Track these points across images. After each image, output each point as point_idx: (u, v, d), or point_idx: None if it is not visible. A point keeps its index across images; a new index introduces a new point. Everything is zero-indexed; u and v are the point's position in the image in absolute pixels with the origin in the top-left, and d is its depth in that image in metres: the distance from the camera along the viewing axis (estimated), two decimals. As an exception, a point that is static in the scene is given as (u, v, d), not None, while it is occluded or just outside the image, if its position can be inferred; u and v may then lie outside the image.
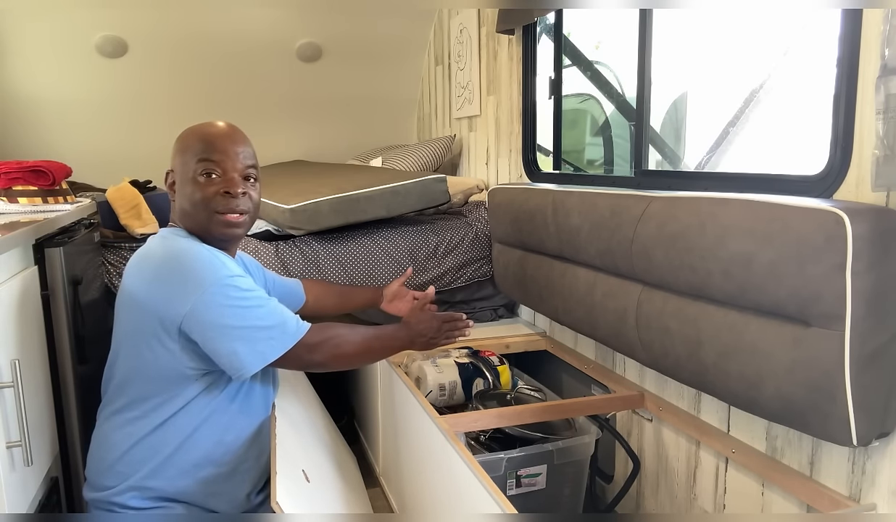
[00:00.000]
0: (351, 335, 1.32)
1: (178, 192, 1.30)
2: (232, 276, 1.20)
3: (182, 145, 1.29)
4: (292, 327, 1.24)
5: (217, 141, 1.27)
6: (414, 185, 2.31)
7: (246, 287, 1.21)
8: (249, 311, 1.20)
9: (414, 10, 3.36)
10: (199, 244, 1.25)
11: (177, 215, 1.32)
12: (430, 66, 3.55)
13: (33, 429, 1.19)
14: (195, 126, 1.33)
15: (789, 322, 1.19)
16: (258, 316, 1.21)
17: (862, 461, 1.24)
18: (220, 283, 1.18)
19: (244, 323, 1.19)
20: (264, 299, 1.23)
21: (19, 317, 1.21)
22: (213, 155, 1.26)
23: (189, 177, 1.27)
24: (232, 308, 1.18)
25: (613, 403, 1.85)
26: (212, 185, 1.26)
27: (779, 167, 1.54)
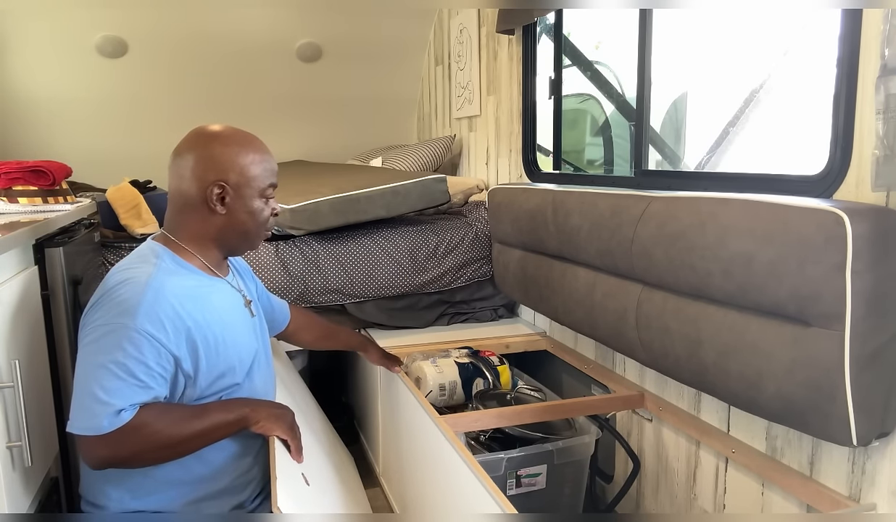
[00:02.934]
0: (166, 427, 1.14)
1: (237, 208, 1.26)
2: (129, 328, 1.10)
3: (247, 160, 1.26)
4: (108, 418, 1.08)
5: (275, 165, 1.33)
6: (414, 185, 2.31)
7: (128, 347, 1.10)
8: (100, 371, 1.09)
9: (414, 10, 3.36)
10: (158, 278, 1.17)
11: (212, 226, 1.26)
12: (430, 66, 3.55)
13: (33, 429, 1.19)
14: (241, 137, 1.28)
15: (789, 322, 1.19)
16: (102, 383, 1.09)
17: (862, 461, 1.24)
18: (111, 324, 1.11)
19: (86, 379, 1.10)
20: (127, 373, 1.10)
21: (19, 317, 1.20)
22: (276, 179, 1.33)
23: (254, 195, 1.27)
24: (94, 355, 1.10)
25: (613, 403, 1.85)
26: (269, 207, 1.32)
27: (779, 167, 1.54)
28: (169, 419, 1.15)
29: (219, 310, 1.26)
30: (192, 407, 1.20)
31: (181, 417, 1.17)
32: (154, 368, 1.13)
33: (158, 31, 3.12)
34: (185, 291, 1.20)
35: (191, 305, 1.19)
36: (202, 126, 1.30)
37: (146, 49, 3.17)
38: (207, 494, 1.26)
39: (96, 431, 1.09)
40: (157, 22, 3.08)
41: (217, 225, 1.27)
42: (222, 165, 1.24)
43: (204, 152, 1.25)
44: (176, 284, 1.19)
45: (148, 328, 1.12)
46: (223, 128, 1.29)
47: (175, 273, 1.21)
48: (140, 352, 1.11)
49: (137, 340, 1.11)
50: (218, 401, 1.24)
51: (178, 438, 1.16)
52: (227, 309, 1.29)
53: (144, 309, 1.12)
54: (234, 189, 1.25)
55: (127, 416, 1.10)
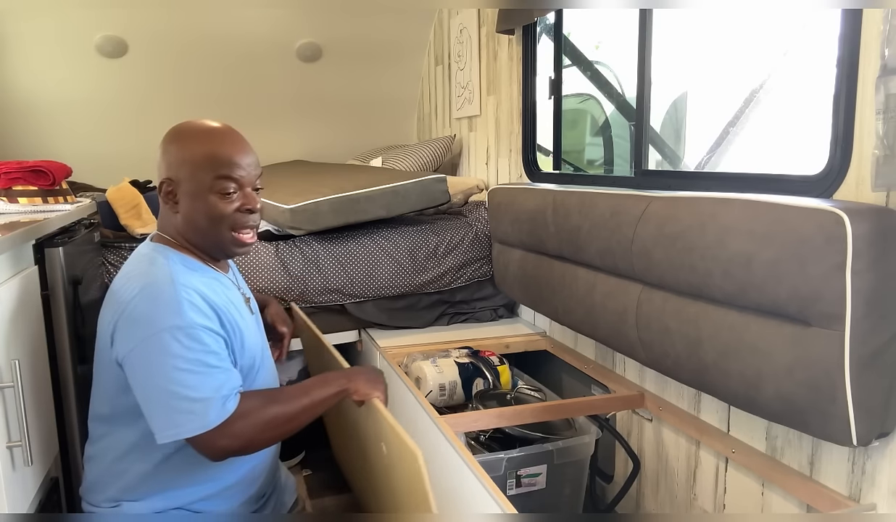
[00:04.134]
0: (274, 408, 1.16)
1: (186, 205, 1.21)
2: (183, 328, 1.09)
3: (188, 154, 1.19)
4: (215, 409, 1.09)
5: (234, 155, 1.20)
6: (414, 185, 2.31)
7: (192, 343, 1.09)
8: (180, 374, 1.08)
9: (414, 10, 3.36)
10: (177, 274, 1.15)
11: (175, 226, 1.24)
12: (430, 66, 3.55)
13: (33, 429, 1.19)
14: (195, 129, 1.23)
15: (789, 322, 1.19)
16: (187, 383, 1.08)
17: (862, 461, 1.24)
18: (166, 330, 1.08)
19: (168, 386, 1.08)
20: (203, 365, 1.10)
21: (19, 317, 1.21)
22: (233, 171, 1.19)
23: (202, 191, 1.19)
24: (164, 364, 1.08)
25: (613, 403, 1.85)
26: (231, 203, 1.20)
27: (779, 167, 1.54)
28: (273, 401, 1.17)
29: (234, 303, 1.26)
30: (291, 388, 1.21)
31: (285, 397, 1.18)
32: (220, 353, 1.14)
33: (158, 31, 3.12)
34: (205, 282, 1.19)
35: (214, 296, 1.18)
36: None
37: (146, 49, 3.17)
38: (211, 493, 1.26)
39: (207, 427, 1.08)
40: (158, 22, 3.08)
41: (179, 223, 1.23)
42: (170, 161, 1.22)
43: (162, 148, 1.24)
44: (195, 277, 1.18)
45: (198, 320, 1.11)
46: (185, 123, 1.25)
47: (185, 272, 1.19)
48: (203, 344, 1.11)
49: (195, 334, 1.10)
50: (314, 378, 1.27)
51: (288, 416, 1.17)
52: (237, 303, 1.28)
53: (186, 305, 1.11)
54: (180, 185, 1.21)
55: (231, 406, 1.11)
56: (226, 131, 1.24)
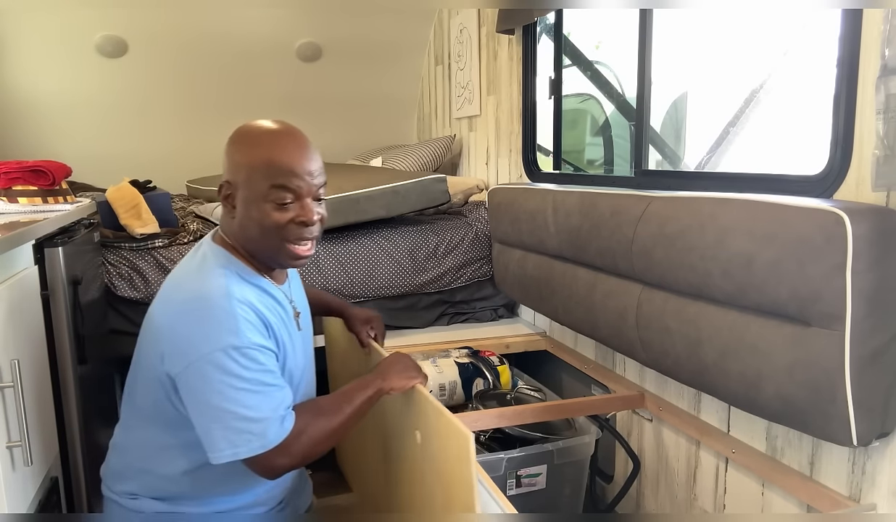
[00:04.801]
0: (324, 422, 1.17)
1: (241, 211, 1.16)
2: (241, 348, 1.07)
3: (248, 159, 1.14)
4: (274, 429, 1.08)
5: (294, 163, 1.14)
6: (414, 185, 2.31)
7: (249, 363, 1.08)
8: (238, 394, 1.06)
9: (414, 10, 3.36)
10: (232, 287, 1.12)
11: (233, 231, 1.19)
12: (430, 65, 3.55)
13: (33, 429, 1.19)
14: (256, 132, 1.17)
15: (789, 322, 1.19)
16: (245, 403, 1.06)
17: (862, 461, 1.24)
18: (223, 350, 1.06)
19: (226, 406, 1.06)
20: (261, 384, 1.09)
21: (19, 317, 1.20)
22: (290, 181, 1.13)
23: (257, 199, 1.14)
24: (221, 383, 1.06)
25: (613, 403, 1.85)
26: (286, 213, 1.14)
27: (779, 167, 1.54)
28: (321, 413, 1.17)
29: (284, 321, 1.23)
30: (334, 397, 1.21)
31: (332, 408, 1.18)
32: (276, 371, 1.13)
33: (158, 31, 3.12)
34: (258, 298, 1.16)
35: (266, 312, 1.16)
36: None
37: (146, 49, 3.17)
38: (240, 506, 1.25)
39: (266, 447, 1.08)
40: (157, 22, 3.08)
41: (235, 227, 1.19)
42: (230, 164, 1.17)
43: (226, 149, 1.19)
44: (249, 292, 1.15)
45: (254, 338, 1.09)
46: (249, 124, 1.20)
47: (240, 283, 1.15)
48: (259, 363, 1.09)
49: (252, 354, 1.08)
50: (353, 383, 1.24)
51: (337, 427, 1.17)
52: (286, 320, 1.25)
53: (243, 323, 1.08)
54: (237, 189, 1.16)
55: (289, 424, 1.10)
56: (289, 135, 1.17)
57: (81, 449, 1.45)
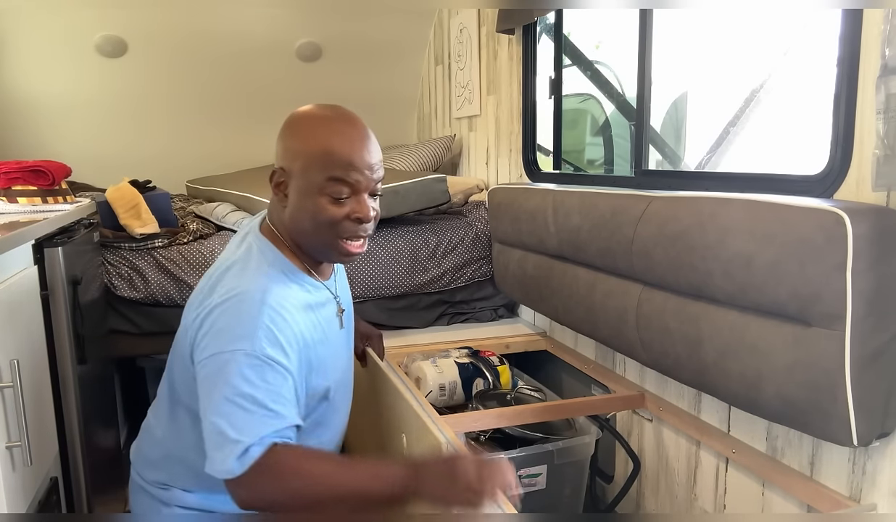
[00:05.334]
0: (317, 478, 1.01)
1: (294, 201, 1.10)
2: (251, 355, 1.00)
3: (304, 146, 1.09)
4: (234, 453, 0.97)
5: (354, 156, 1.07)
6: (414, 185, 2.31)
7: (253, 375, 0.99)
8: (228, 406, 0.99)
9: (414, 10, 3.36)
10: (272, 289, 1.06)
11: (283, 221, 1.14)
12: (430, 65, 3.55)
13: (33, 429, 1.19)
14: (317, 118, 1.12)
15: (790, 322, 1.19)
16: (231, 418, 0.98)
17: (862, 461, 1.24)
18: (232, 353, 1.00)
19: (214, 417, 0.99)
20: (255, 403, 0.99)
21: (19, 317, 1.20)
22: (348, 175, 1.07)
23: (312, 191, 1.08)
24: (219, 388, 1.00)
25: (613, 403, 1.85)
26: (341, 207, 1.08)
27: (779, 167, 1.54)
28: (308, 468, 1.01)
29: (323, 326, 1.16)
30: (344, 469, 1.04)
31: (324, 471, 1.02)
32: (283, 394, 1.02)
33: (158, 31, 3.12)
34: (298, 304, 1.09)
35: (303, 321, 1.09)
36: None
37: (146, 49, 3.16)
38: None
39: (229, 474, 0.98)
40: (157, 22, 3.08)
41: (287, 218, 1.12)
42: (285, 150, 1.11)
43: (281, 134, 1.14)
44: (289, 296, 1.08)
45: (269, 352, 1.01)
46: (309, 109, 1.15)
47: (284, 282, 1.10)
48: (264, 380, 1.00)
49: (259, 367, 1.00)
50: (371, 461, 1.07)
51: (317, 493, 1.01)
52: (329, 323, 1.19)
53: (263, 332, 1.01)
54: (292, 177, 1.09)
55: (255, 452, 0.98)
56: (350, 124, 1.11)
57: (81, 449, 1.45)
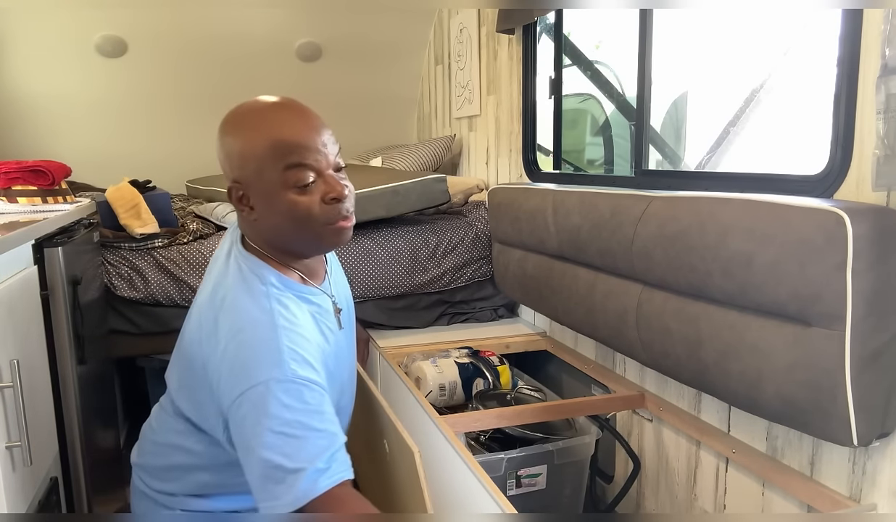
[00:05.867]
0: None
1: (263, 210, 1.02)
2: (283, 382, 0.94)
3: (248, 146, 1.00)
4: (312, 478, 0.92)
5: (304, 137, 0.99)
6: (414, 185, 2.31)
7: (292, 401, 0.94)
8: (276, 438, 0.93)
9: (414, 10, 3.36)
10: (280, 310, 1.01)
11: (259, 235, 1.06)
12: (430, 65, 3.55)
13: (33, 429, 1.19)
14: (248, 113, 1.03)
15: (790, 322, 1.19)
16: (282, 450, 0.92)
17: (862, 461, 1.24)
18: (265, 384, 0.94)
19: (263, 453, 0.93)
20: (304, 427, 0.94)
21: (19, 317, 1.20)
22: (304, 157, 0.99)
23: (275, 189, 0.99)
24: (260, 424, 0.93)
25: (613, 403, 1.85)
26: (312, 194, 1.00)
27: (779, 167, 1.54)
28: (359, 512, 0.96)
29: (325, 332, 1.11)
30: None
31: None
32: (326, 411, 0.97)
33: (158, 31, 3.12)
34: (305, 317, 1.05)
35: (312, 332, 1.05)
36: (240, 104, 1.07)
37: (146, 49, 3.16)
38: None
39: (295, 504, 0.92)
40: (157, 22, 3.08)
41: (262, 230, 1.05)
42: (231, 159, 1.02)
43: (219, 144, 1.04)
44: (295, 311, 1.03)
45: (300, 372, 0.96)
46: (238, 107, 1.06)
47: (286, 298, 1.04)
48: (304, 401, 0.95)
49: (296, 390, 0.95)
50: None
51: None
52: (331, 327, 1.14)
53: (288, 354, 0.96)
54: (250, 187, 1.01)
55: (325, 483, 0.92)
56: (285, 107, 1.03)
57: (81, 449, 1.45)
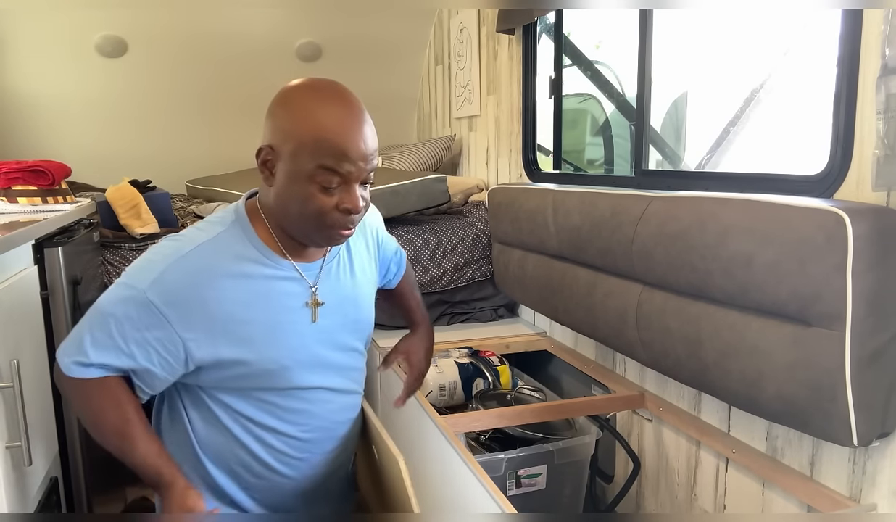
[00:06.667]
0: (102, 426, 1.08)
1: (281, 183, 1.03)
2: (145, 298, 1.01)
3: (296, 127, 1.00)
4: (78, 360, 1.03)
5: (349, 146, 1.00)
6: (414, 185, 2.31)
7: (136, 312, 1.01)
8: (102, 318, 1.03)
9: (414, 10, 3.36)
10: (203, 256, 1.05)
11: (268, 201, 1.08)
12: (430, 65, 3.55)
13: (33, 429, 1.19)
14: (312, 98, 1.02)
15: (790, 321, 1.19)
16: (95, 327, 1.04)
17: (862, 461, 1.24)
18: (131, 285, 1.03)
19: (91, 314, 1.05)
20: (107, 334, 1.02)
21: (19, 317, 1.20)
22: (340, 165, 1.00)
23: (301, 177, 1.01)
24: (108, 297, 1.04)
25: (613, 403, 1.85)
26: (330, 197, 1.02)
27: (779, 167, 1.54)
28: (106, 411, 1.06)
29: (269, 298, 1.09)
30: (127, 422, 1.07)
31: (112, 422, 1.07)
32: (151, 343, 1.03)
33: (158, 31, 3.12)
34: (227, 271, 1.05)
35: (226, 288, 1.05)
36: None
37: (146, 49, 3.16)
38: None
39: (65, 370, 1.05)
40: (157, 22, 3.08)
41: (272, 199, 1.07)
42: (275, 128, 1.03)
43: (271, 109, 1.05)
44: (220, 261, 1.05)
45: (156, 301, 1.01)
46: (305, 84, 1.05)
47: (230, 248, 1.07)
48: (140, 320, 1.01)
49: (143, 308, 1.01)
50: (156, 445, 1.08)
51: (98, 431, 1.08)
52: (284, 303, 1.11)
53: (165, 279, 1.01)
54: (281, 158, 1.02)
55: (90, 373, 1.04)
56: (347, 109, 1.03)
57: (81, 449, 1.46)
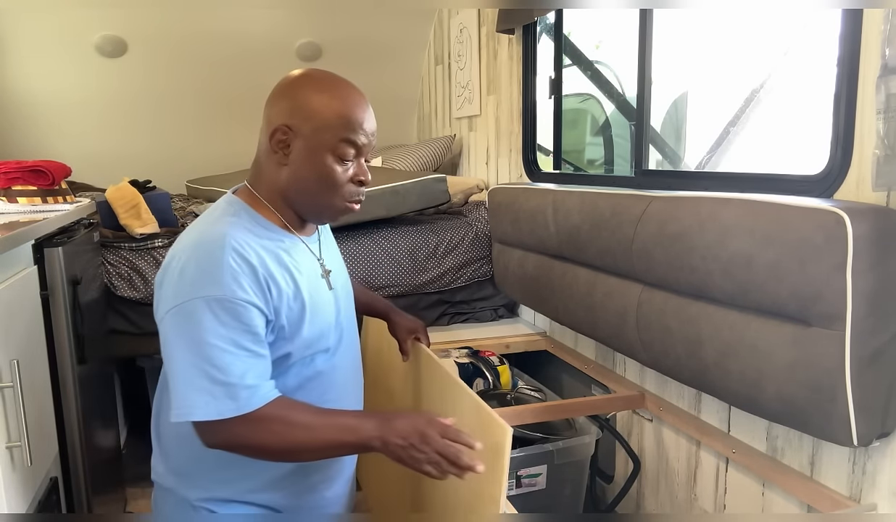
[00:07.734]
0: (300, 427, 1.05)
1: (298, 160, 1.09)
2: (221, 300, 0.99)
3: (319, 106, 1.08)
4: (242, 396, 0.99)
5: (367, 122, 1.12)
6: (414, 185, 2.31)
7: (228, 318, 0.99)
8: (210, 348, 0.98)
9: (414, 10, 3.36)
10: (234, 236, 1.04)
11: (273, 181, 1.12)
12: (430, 65, 3.55)
13: (33, 429, 1.19)
14: (332, 83, 1.12)
15: (790, 321, 1.19)
16: (215, 361, 0.98)
17: (862, 461, 1.24)
18: (203, 299, 0.99)
19: (195, 360, 0.99)
20: (234, 344, 1.00)
21: (19, 317, 1.20)
22: (359, 137, 1.10)
23: (322, 150, 1.08)
24: (196, 334, 0.99)
25: (614, 403, 1.85)
26: (347, 170, 1.11)
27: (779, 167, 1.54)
28: (292, 418, 1.04)
29: (303, 270, 1.14)
30: (325, 418, 1.08)
31: (314, 428, 1.05)
32: (259, 334, 1.04)
33: (158, 31, 3.12)
34: (265, 247, 1.08)
35: (273, 263, 1.08)
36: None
37: (146, 49, 3.17)
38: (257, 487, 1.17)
39: (226, 413, 0.99)
40: (157, 21, 3.08)
41: (284, 177, 1.11)
42: (291, 107, 1.09)
43: (282, 92, 1.11)
44: (254, 242, 1.07)
45: (240, 293, 1.00)
46: (318, 71, 1.14)
47: (251, 230, 1.09)
48: (239, 320, 1.00)
49: (232, 308, 1.00)
50: (347, 414, 1.11)
51: (300, 449, 1.06)
52: (308, 272, 1.16)
53: (229, 275, 1.00)
54: (299, 136, 1.08)
55: (256, 402, 1.00)
56: (358, 93, 1.14)
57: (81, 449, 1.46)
